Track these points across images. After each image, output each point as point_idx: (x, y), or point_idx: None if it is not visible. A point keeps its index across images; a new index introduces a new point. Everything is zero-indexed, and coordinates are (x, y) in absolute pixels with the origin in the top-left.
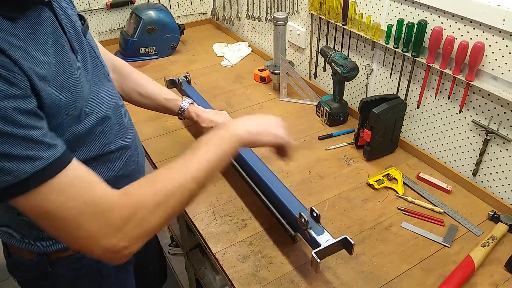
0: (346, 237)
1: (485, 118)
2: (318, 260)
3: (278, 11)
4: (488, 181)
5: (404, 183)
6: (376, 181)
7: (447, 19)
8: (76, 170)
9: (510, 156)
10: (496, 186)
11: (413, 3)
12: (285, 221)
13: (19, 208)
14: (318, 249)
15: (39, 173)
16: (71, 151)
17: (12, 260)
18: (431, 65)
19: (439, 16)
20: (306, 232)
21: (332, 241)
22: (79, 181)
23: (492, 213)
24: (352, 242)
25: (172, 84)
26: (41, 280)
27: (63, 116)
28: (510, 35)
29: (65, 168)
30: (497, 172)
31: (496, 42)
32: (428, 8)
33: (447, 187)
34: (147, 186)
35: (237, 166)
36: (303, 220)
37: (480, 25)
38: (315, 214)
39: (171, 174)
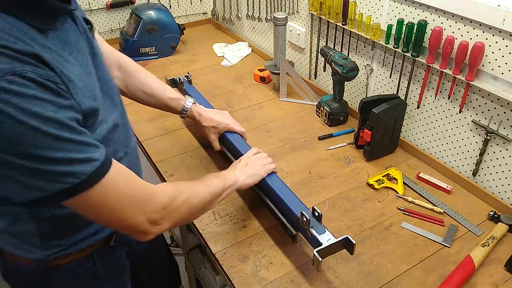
0: (347, 237)
1: (485, 118)
2: (320, 259)
3: (278, 11)
4: (488, 181)
5: (404, 183)
6: (376, 181)
7: (447, 19)
8: (118, 166)
9: (510, 156)
10: (496, 186)
11: (413, 3)
12: (286, 220)
13: (71, 206)
14: (319, 248)
15: (95, 172)
16: None
17: (6, 265)
18: (431, 65)
19: (439, 16)
20: (308, 231)
21: (333, 240)
22: (124, 175)
23: (492, 213)
24: (354, 242)
25: (173, 83)
26: (37, 286)
27: (86, 125)
28: (510, 35)
29: (112, 164)
30: (497, 172)
31: (496, 42)
32: (428, 8)
33: (447, 187)
34: (176, 187)
35: None
36: (304, 219)
37: (480, 25)
38: (316, 214)
39: (196, 185)
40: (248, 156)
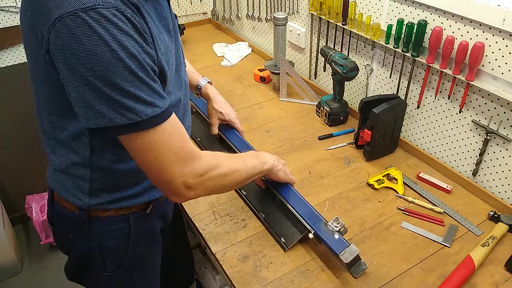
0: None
1: (485, 118)
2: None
3: (278, 11)
4: (488, 181)
5: (404, 183)
6: (376, 181)
7: (447, 19)
8: (176, 121)
9: (510, 156)
10: (496, 186)
11: (413, 3)
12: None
13: (125, 143)
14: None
15: (155, 117)
16: None
17: (54, 208)
18: (431, 65)
19: (439, 16)
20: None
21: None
22: (179, 131)
23: (492, 213)
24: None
25: None
26: (74, 233)
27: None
28: (510, 35)
29: (170, 117)
30: (497, 172)
31: (496, 42)
32: (428, 8)
33: (447, 187)
34: (217, 158)
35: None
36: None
37: (480, 25)
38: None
39: (236, 162)
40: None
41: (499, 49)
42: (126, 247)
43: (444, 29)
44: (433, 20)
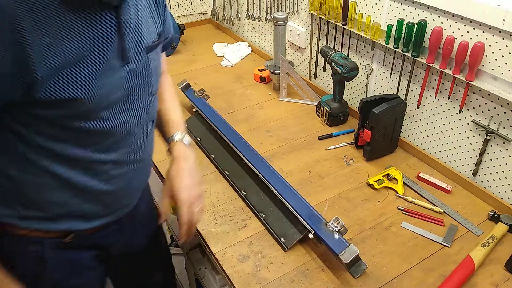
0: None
1: (485, 118)
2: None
3: (278, 11)
4: (488, 181)
5: (404, 183)
6: (376, 181)
7: (447, 19)
8: None
9: (510, 156)
10: (496, 186)
11: (413, 3)
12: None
13: None
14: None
15: None
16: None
17: None
18: (431, 65)
19: (439, 16)
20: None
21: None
22: None
23: (492, 213)
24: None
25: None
26: None
27: None
28: (510, 35)
29: None
30: (497, 172)
31: (496, 42)
32: (428, 8)
33: (447, 187)
34: None
35: (247, 164)
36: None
37: (480, 25)
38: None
39: None
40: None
41: (499, 49)
42: (41, 273)
43: (444, 29)
44: (433, 20)
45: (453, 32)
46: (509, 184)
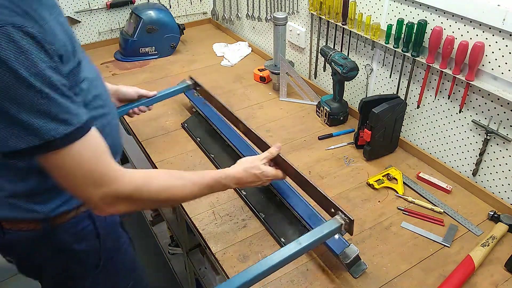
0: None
1: (485, 118)
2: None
3: (278, 11)
4: (488, 181)
5: (404, 183)
6: (376, 181)
7: (447, 19)
8: (92, 139)
9: (510, 156)
10: (496, 186)
11: (413, 3)
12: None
13: (43, 163)
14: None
15: (66, 136)
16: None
17: (8, 238)
18: (431, 65)
19: (439, 16)
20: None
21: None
22: (92, 150)
23: (492, 213)
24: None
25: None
26: (41, 252)
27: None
28: (510, 35)
29: (85, 135)
30: (497, 172)
31: (496, 42)
32: (428, 8)
33: (447, 187)
34: (148, 177)
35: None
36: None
37: (480, 25)
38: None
39: (175, 181)
40: (256, 164)
41: (499, 49)
42: (97, 244)
43: (444, 29)
44: (433, 20)
45: (453, 32)
46: (509, 184)
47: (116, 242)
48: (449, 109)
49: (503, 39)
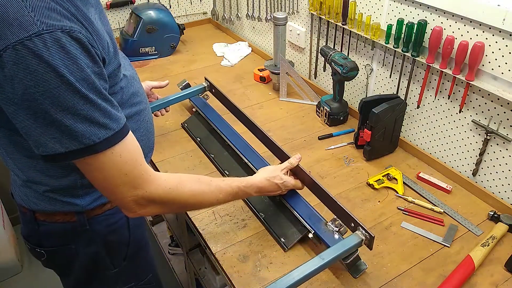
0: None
1: (485, 118)
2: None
3: (278, 11)
4: (488, 181)
5: (404, 183)
6: (376, 181)
7: (447, 19)
8: (130, 141)
9: (510, 156)
10: (496, 186)
11: (413, 3)
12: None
13: (79, 165)
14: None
15: (107, 140)
16: None
17: (42, 230)
18: (431, 65)
19: (439, 16)
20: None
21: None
22: (130, 151)
23: (492, 213)
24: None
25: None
26: (74, 243)
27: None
28: (510, 35)
29: (124, 138)
30: (497, 172)
31: (496, 42)
32: (428, 8)
33: (447, 187)
34: (179, 182)
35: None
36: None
37: (480, 25)
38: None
39: (204, 187)
40: (277, 174)
41: (499, 49)
42: (128, 236)
43: (444, 29)
44: (433, 20)
45: (453, 32)
46: (509, 184)
47: (142, 236)
48: (449, 109)
49: (503, 39)
